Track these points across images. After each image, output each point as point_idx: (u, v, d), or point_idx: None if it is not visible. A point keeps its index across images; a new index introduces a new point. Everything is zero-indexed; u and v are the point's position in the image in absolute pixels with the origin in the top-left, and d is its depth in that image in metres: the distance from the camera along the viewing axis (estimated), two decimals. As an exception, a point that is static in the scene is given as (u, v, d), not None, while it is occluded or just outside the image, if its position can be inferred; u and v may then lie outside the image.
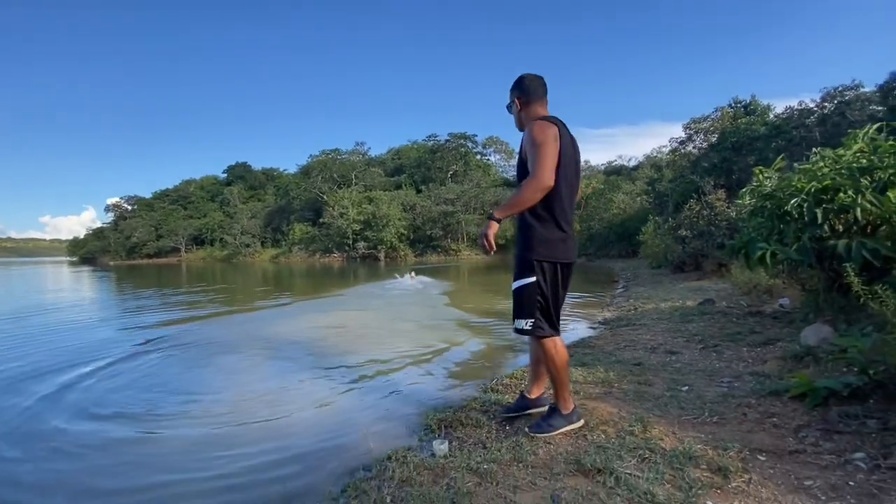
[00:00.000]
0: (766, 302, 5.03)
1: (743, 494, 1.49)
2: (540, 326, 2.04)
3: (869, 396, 2.05)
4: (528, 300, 2.04)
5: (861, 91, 17.44)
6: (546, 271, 2.04)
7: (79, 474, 2.31)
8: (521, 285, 2.07)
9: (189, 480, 2.16)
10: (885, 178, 3.09)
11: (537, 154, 1.94)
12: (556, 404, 2.16)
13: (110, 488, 2.16)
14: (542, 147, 1.94)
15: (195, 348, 5.05)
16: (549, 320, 2.07)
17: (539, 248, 2.03)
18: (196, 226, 58.94)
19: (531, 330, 2.05)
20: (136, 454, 2.49)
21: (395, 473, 1.91)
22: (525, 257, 2.05)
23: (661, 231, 10.95)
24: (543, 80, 2.20)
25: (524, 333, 2.09)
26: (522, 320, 2.06)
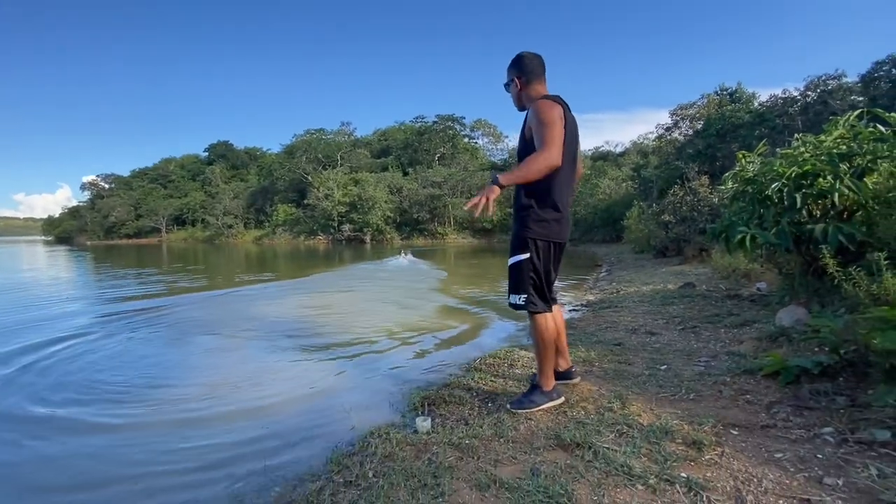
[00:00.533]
0: (745, 286, 5.15)
1: (715, 466, 1.54)
2: (532, 302, 2.09)
3: (839, 374, 2.12)
4: (522, 276, 2.09)
5: (844, 81, 17.70)
6: (540, 249, 2.08)
7: (23, 468, 2.09)
8: (515, 262, 2.11)
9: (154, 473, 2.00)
10: (864, 164, 3.14)
11: (545, 133, 1.93)
12: (538, 381, 2.19)
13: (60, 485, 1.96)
14: (550, 127, 1.94)
15: (172, 328, 4.98)
16: (541, 296, 2.12)
17: (534, 226, 2.06)
18: (177, 206, 57.50)
19: (524, 305, 2.10)
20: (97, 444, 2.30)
21: (378, 449, 1.92)
22: (520, 234, 2.09)
23: (645, 216, 11.08)
24: (542, 59, 2.19)
25: (518, 308, 2.13)
26: (516, 296, 2.12)
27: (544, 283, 2.11)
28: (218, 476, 1.93)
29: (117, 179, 68.02)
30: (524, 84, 2.15)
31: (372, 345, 4.03)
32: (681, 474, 1.49)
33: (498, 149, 49.02)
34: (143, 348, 4.16)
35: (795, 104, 18.18)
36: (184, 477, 1.94)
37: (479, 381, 2.65)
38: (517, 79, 2.16)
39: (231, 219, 48.91)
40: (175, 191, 61.66)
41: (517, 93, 2.18)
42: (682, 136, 22.50)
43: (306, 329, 4.77)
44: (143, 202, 59.81)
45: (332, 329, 4.72)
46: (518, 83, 2.16)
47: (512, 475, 1.60)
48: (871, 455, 1.52)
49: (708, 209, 8.51)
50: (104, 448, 2.26)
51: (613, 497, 1.42)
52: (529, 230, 2.07)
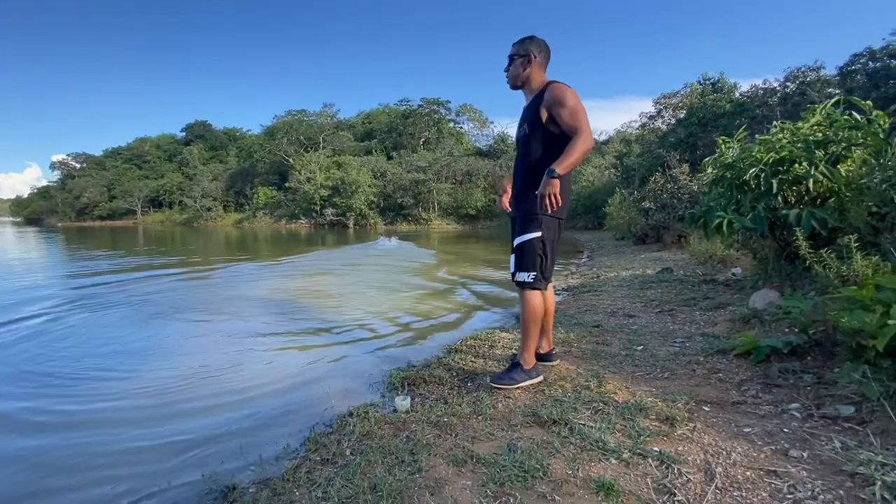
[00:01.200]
0: (721, 271, 5.26)
1: (687, 441, 1.57)
2: (539, 279, 2.13)
3: (807, 354, 2.19)
4: (532, 254, 2.12)
5: (822, 73, 18.04)
6: (551, 227, 2.12)
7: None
8: (526, 240, 2.13)
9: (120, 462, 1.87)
10: (838, 151, 3.21)
11: (579, 116, 2.00)
12: (519, 358, 2.21)
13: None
14: (580, 110, 2.00)
15: (143, 309, 4.85)
16: (545, 275, 2.15)
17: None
18: (153, 187, 55.73)
19: (532, 282, 2.13)
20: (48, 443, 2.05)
21: (356, 428, 1.91)
22: (533, 212, 2.09)
23: (627, 204, 11.20)
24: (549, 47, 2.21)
25: (525, 286, 2.15)
26: (525, 273, 2.14)
27: (549, 261, 2.16)
28: (190, 459, 1.89)
29: (89, 159, 65.46)
30: (537, 63, 2.16)
31: (353, 327, 4.00)
32: (653, 448, 1.52)
33: (483, 134, 48.67)
34: (112, 331, 4.05)
35: (775, 95, 18.49)
36: (155, 464, 1.87)
37: (460, 362, 2.66)
38: (534, 56, 2.15)
39: (210, 201, 47.71)
40: (151, 172, 59.73)
41: (526, 69, 2.16)
42: (665, 124, 22.71)
43: (287, 311, 4.70)
44: (117, 183, 57.83)
45: (314, 311, 4.66)
46: (533, 60, 2.15)
47: (489, 451, 1.61)
48: (836, 429, 1.57)
49: (688, 196, 8.65)
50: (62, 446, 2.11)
51: (588, 471, 1.44)
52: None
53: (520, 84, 2.21)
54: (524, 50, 2.16)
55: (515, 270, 2.18)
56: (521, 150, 2.21)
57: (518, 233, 2.17)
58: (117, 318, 4.50)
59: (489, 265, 8.86)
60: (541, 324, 2.22)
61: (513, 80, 2.22)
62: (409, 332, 3.80)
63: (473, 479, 1.45)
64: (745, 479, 1.34)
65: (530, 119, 2.14)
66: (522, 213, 2.16)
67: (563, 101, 2.01)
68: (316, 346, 3.45)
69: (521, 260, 2.15)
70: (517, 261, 2.17)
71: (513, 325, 3.70)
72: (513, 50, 2.20)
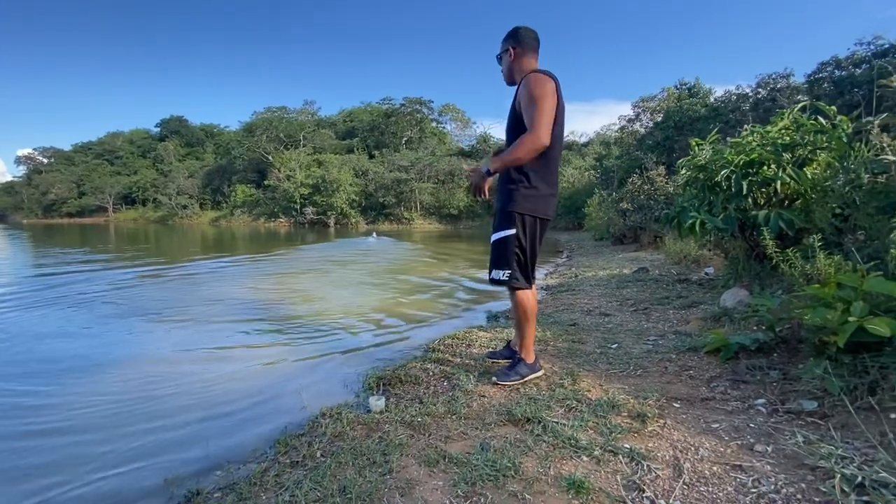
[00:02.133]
0: (694, 271, 5.39)
1: (657, 437, 1.59)
2: (515, 278, 2.10)
3: (774, 350, 2.24)
4: (506, 252, 2.09)
5: (792, 80, 18.69)
6: (526, 225, 2.08)
7: None
8: (501, 237, 2.10)
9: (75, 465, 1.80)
10: (805, 154, 3.32)
11: (536, 110, 1.91)
12: (520, 354, 2.23)
13: None
14: (540, 101, 1.91)
15: (109, 306, 4.68)
16: (524, 273, 2.12)
17: (522, 201, 2.05)
18: (125, 183, 53.96)
19: (507, 280, 2.10)
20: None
21: (328, 429, 1.87)
22: (507, 209, 2.07)
23: (605, 205, 11.37)
24: (537, 34, 2.15)
25: (500, 284, 2.13)
26: (500, 271, 2.11)
27: (528, 260, 2.12)
28: (153, 464, 1.82)
29: (57, 154, 63.01)
30: (517, 55, 2.12)
31: (330, 326, 3.94)
32: (624, 445, 1.53)
33: (466, 134, 48.76)
34: (71, 326, 3.89)
35: (747, 100, 19.05)
36: (113, 470, 1.79)
37: (437, 361, 2.64)
38: (512, 49, 2.12)
39: (185, 199, 46.49)
40: (123, 168, 57.85)
41: (510, 64, 2.15)
42: (644, 127, 23.15)
43: (261, 310, 4.60)
44: (88, 179, 55.84)
45: (289, 310, 4.58)
46: (512, 53, 2.12)
47: (461, 450, 1.59)
48: (799, 423, 1.61)
49: (663, 198, 8.83)
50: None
51: (559, 468, 1.44)
52: (517, 205, 2.05)
53: (512, 80, 2.19)
54: (504, 46, 2.17)
55: (491, 268, 2.16)
56: (506, 143, 2.20)
57: (494, 229, 2.16)
58: (83, 317, 4.33)
59: (470, 264, 8.87)
60: (535, 319, 2.23)
61: (506, 77, 2.21)
62: (387, 332, 3.76)
63: (445, 480, 1.44)
64: (712, 474, 1.36)
65: (511, 111, 2.13)
66: (498, 209, 2.14)
67: (523, 95, 1.98)
68: (290, 346, 3.38)
69: (496, 257, 2.13)
70: (492, 259, 2.15)
71: (491, 325, 3.70)
72: (501, 46, 2.20)
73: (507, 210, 2.07)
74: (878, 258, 2.07)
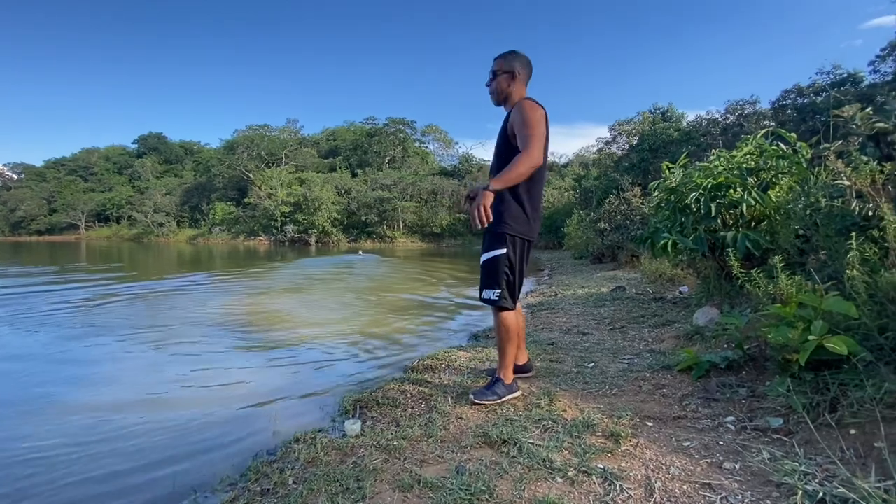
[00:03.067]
0: (669, 289, 5.51)
1: (630, 456, 1.61)
2: (505, 297, 2.14)
3: (742, 368, 2.31)
4: (496, 272, 2.13)
5: (758, 106, 19.66)
6: (516, 245, 2.13)
7: None
8: (491, 257, 2.14)
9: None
10: (768, 178, 3.48)
11: (531, 133, 1.98)
12: (499, 374, 2.23)
13: None
14: (535, 127, 1.99)
15: (74, 327, 4.51)
16: (512, 293, 2.16)
17: (512, 223, 2.11)
18: (99, 200, 52.61)
19: (497, 300, 2.14)
20: None
21: (301, 455, 1.83)
22: (497, 230, 2.11)
23: (584, 224, 11.60)
24: (531, 63, 2.24)
25: (490, 304, 2.17)
26: (490, 290, 2.15)
27: (516, 280, 2.16)
28: (114, 490, 1.75)
29: (28, 169, 61.28)
30: (517, 80, 2.18)
31: (307, 346, 3.88)
32: (598, 466, 1.54)
33: (448, 154, 49.41)
34: (31, 347, 3.73)
35: (717, 125, 19.93)
36: (71, 492, 1.73)
37: (415, 383, 2.62)
38: (516, 72, 2.16)
39: (162, 216, 45.54)
40: (98, 184, 56.51)
41: (507, 87, 2.18)
42: (620, 149, 23.88)
43: (235, 331, 4.50)
44: (60, 195, 54.29)
45: (264, 329, 4.49)
46: (516, 76, 2.17)
47: (437, 474, 1.58)
48: (766, 441, 1.66)
49: (639, 218, 9.07)
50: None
51: (533, 491, 1.43)
52: (507, 226, 2.10)
53: (502, 100, 2.22)
54: (508, 66, 2.18)
55: (482, 288, 2.19)
56: (493, 163, 2.25)
57: (484, 249, 2.19)
58: (43, 337, 4.15)
59: (453, 283, 8.88)
60: (517, 340, 2.26)
61: (496, 97, 2.23)
62: (366, 352, 3.72)
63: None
64: (682, 493, 1.37)
65: (501, 134, 2.18)
66: (487, 230, 2.15)
67: (517, 120, 2.05)
68: (264, 368, 3.31)
69: (486, 277, 2.16)
70: (483, 279, 2.18)
71: (472, 345, 3.70)
72: (496, 65, 2.20)
73: (499, 231, 2.11)
74: (837, 278, 2.17)
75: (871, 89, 15.13)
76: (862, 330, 1.79)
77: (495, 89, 2.22)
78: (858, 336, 1.76)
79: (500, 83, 2.20)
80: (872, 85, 15.74)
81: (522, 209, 2.12)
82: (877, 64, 16.52)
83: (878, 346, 1.73)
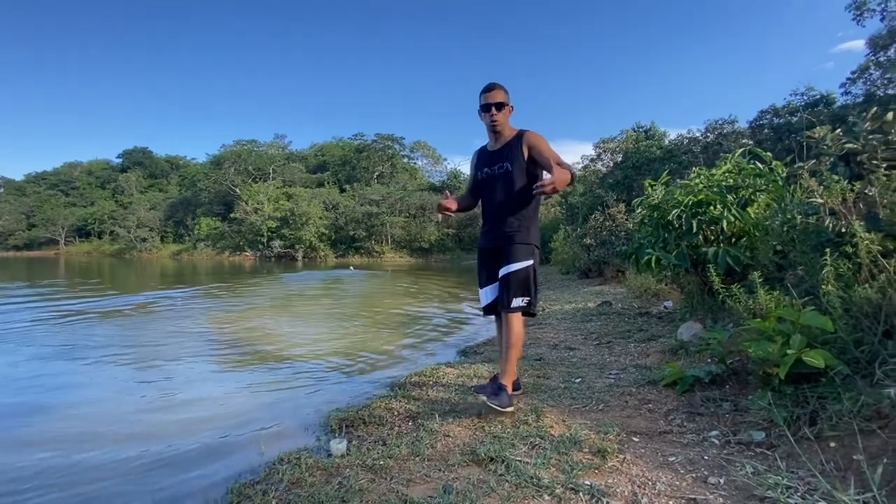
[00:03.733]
0: (654, 304, 5.58)
1: (617, 472, 1.61)
2: (533, 304, 2.30)
3: (726, 382, 2.34)
4: (527, 281, 2.29)
5: (736, 126, 20.31)
6: (538, 257, 2.35)
7: None
8: (521, 267, 2.28)
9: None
10: (747, 195, 3.58)
11: (557, 156, 2.23)
12: (504, 382, 2.25)
13: None
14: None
15: (50, 345, 4.38)
16: (535, 300, 2.34)
17: (535, 236, 2.36)
18: (80, 215, 51.58)
19: (526, 306, 2.28)
20: None
21: (285, 476, 1.79)
22: (527, 242, 2.32)
23: (570, 240, 11.73)
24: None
25: (520, 311, 2.28)
26: (520, 298, 2.26)
27: (538, 288, 2.36)
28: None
29: (7, 183, 59.96)
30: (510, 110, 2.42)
31: (292, 363, 3.82)
32: (585, 482, 1.54)
33: (437, 170, 49.80)
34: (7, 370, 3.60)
35: (698, 143, 20.50)
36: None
37: (402, 400, 2.59)
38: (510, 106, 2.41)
39: (146, 231, 44.75)
40: (79, 199, 55.49)
41: (506, 118, 2.40)
42: (605, 167, 24.38)
43: (219, 347, 4.41)
44: (39, 210, 53.13)
45: (249, 346, 4.41)
46: (510, 110, 2.41)
47: (423, 494, 1.56)
48: (749, 454, 1.67)
49: (624, 234, 9.20)
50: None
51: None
52: (534, 238, 2.35)
53: (502, 128, 2.39)
54: (507, 98, 2.39)
55: (511, 297, 2.26)
56: (499, 184, 2.38)
57: (507, 261, 2.30)
58: (10, 358, 4.02)
59: (442, 298, 8.86)
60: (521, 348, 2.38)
61: (500, 125, 2.39)
62: (353, 369, 3.68)
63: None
64: (668, 509, 1.38)
65: (512, 159, 2.35)
66: (514, 242, 2.31)
67: (542, 145, 2.31)
68: (248, 385, 3.25)
69: (517, 286, 2.27)
70: (510, 288, 2.27)
71: (460, 361, 3.68)
72: (503, 97, 2.37)
73: (528, 243, 2.31)
74: (814, 293, 2.23)
75: (843, 110, 15.79)
76: (839, 343, 1.83)
77: (502, 119, 2.39)
78: (835, 350, 1.81)
79: (506, 113, 2.40)
80: (844, 106, 16.42)
81: (537, 225, 2.40)
82: (848, 86, 17.27)
83: (855, 359, 1.77)
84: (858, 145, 2.40)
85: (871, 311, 1.81)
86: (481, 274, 2.50)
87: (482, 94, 2.39)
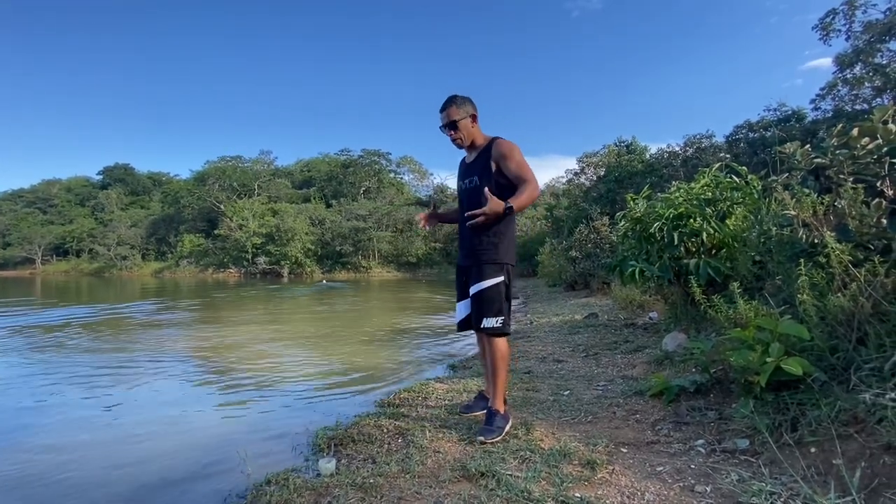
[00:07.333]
0: (640, 315, 5.66)
1: (606, 484, 1.63)
2: (507, 324, 2.19)
3: (710, 391, 2.38)
4: (497, 299, 2.18)
5: (714, 140, 20.96)
6: (510, 273, 2.23)
7: None
8: (490, 285, 2.17)
9: None
10: (725, 208, 3.69)
11: (525, 168, 2.14)
12: (494, 406, 2.21)
13: None
14: (525, 163, 2.16)
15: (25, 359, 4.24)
16: (509, 318, 2.23)
17: (504, 253, 2.21)
18: (58, 233, 50.23)
19: (500, 327, 2.16)
20: None
21: (273, 498, 1.76)
22: (495, 260, 2.20)
23: (556, 252, 11.87)
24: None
25: (492, 332, 2.18)
26: (492, 318, 2.17)
27: (510, 306, 2.24)
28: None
29: (-19, 202, 58.33)
30: (476, 121, 2.29)
31: (278, 381, 3.76)
32: (575, 494, 1.55)
33: (423, 185, 50.00)
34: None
35: (677, 157, 21.05)
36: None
37: (392, 418, 2.57)
38: (475, 113, 2.27)
39: (126, 249, 43.78)
40: (57, 216, 54.18)
41: (471, 129, 2.27)
42: (588, 180, 24.82)
43: (203, 364, 4.33)
44: (15, 228, 51.68)
45: (232, 363, 4.33)
46: (475, 117, 2.27)
47: (414, 511, 1.55)
48: (734, 462, 1.71)
49: (608, 246, 9.35)
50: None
51: (512, 524, 1.43)
52: (505, 255, 2.21)
53: (470, 142, 2.30)
54: (468, 111, 2.25)
55: (481, 317, 2.18)
56: (470, 200, 2.26)
57: (476, 279, 2.21)
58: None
59: (427, 313, 8.84)
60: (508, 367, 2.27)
61: (464, 141, 2.28)
62: (341, 387, 3.64)
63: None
64: (657, 519, 1.40)
65: (480, 172, 2.24)
66: (482, 261, 2.20)
67: (510, 155, 2.17)
68: (233, 405, 3.19)
69: (488, 306, 2.17)
70: (481, 307, 2.19)
71: (448, 376, 3.67)
72: (455, 115, 2.23)
73: (496, 261, 2.19)
74: (791, 302, 2.31)
75: (814, 125, 16.43)
76: (815, 351, 1.90)
77: (465, 135, 2.28)
78: (813, 357, 1.87)
79: (468, 127, 2.27)
80: (815, 121, 17.08)
81: (510, 240, 2.24)
82: (817, 102, 18.00)
83: (831, 366, 1.83)
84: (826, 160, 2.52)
85: (845, 318, 1.88)
86: (457, 289, 2.45)
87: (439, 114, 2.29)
